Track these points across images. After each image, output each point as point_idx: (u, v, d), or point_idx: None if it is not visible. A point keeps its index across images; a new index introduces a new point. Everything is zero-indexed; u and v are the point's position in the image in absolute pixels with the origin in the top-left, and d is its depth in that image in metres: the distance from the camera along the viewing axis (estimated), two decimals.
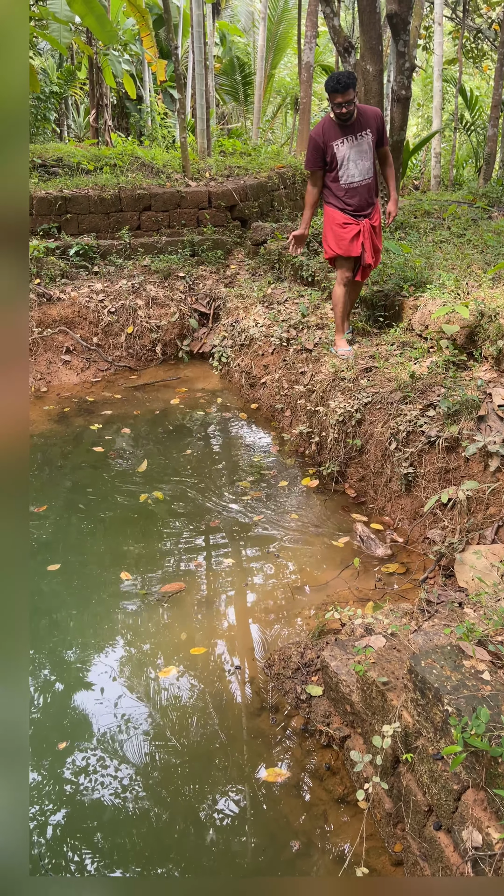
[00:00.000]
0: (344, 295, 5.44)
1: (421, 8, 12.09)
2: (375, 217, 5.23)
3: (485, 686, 2.23)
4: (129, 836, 2.62)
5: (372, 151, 5.06)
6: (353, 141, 4.98)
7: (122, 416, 6.20)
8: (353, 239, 5.17)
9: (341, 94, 4.74)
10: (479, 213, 8.57)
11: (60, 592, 3.93)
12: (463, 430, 4.11)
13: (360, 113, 4.96)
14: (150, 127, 16.04)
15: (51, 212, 7.96)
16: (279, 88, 21.16)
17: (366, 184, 5.11)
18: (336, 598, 3.80)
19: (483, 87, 19.76)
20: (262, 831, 2.63)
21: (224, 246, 8.59)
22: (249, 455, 5.56)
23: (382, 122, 5.08)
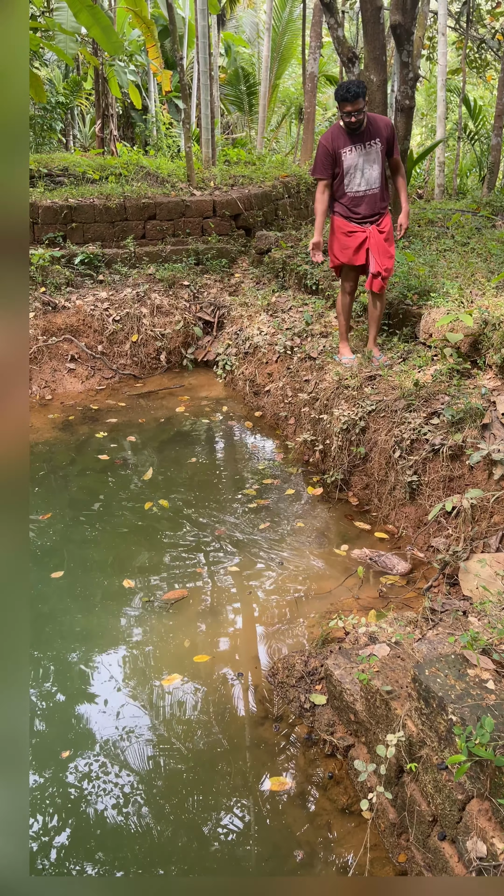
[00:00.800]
0: (346, 304, 5.44)
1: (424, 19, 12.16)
2: (384, 224, 5.17)
3: (489, 695, 2.22)
4: (132, 844, 2.61)
5: (381, 161, 5.04)
6: (361, 149, 4.97)
7: (126, 424, 6.21)
8: (358, 248, 5.14)
9: (351, 103, 4.74)
10: (482, 222, 8.58)
11: (64, 599, 3.93)
12: (467, 439, 4.11)
13: (370, 122, 4.96)
14: (155, 137, 16.14)
15: (56, 221, 8.00)
16: (283, 98, 21.28)
17: (372, 193, 5.08)
18: (340, 607, 3.79)
19: (487, 96, 19.82)
20: (266, 841, 2.62)
21: (228, 255, 8.62)
22: (254, 463, 5.56)
23: (393, 133, 5.06)
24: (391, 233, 5.22)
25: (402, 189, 5.25)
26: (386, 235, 5.16)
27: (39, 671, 3.44)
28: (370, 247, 5.12)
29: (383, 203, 5.16)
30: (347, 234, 5.16)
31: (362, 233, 5.13)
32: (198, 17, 10.19)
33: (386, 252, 5.15)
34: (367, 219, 5.14)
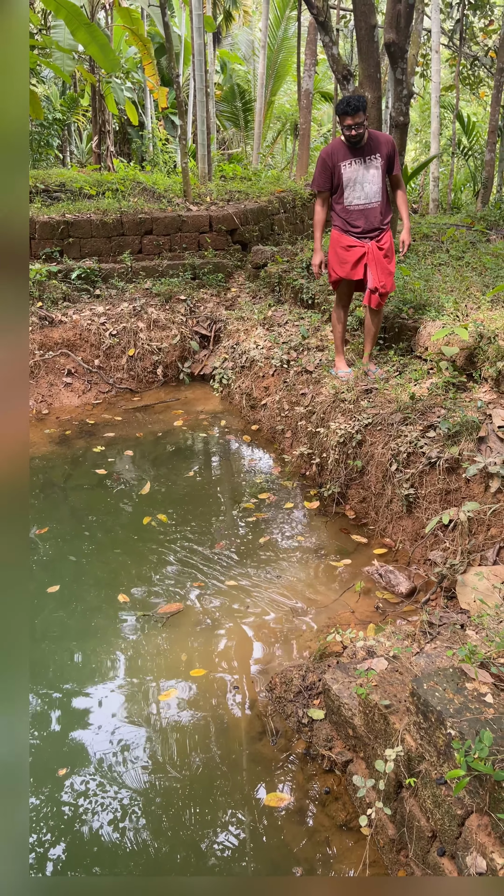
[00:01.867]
0: (342, 318, 5.45)
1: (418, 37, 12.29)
2: (384, 240, 5.13)
3: (488, 709, 2.21)
4: (129, 860, 2.58)
5: (381, 177, 5.04)
6: (360, 163, 4.98)
7: (123, 439, 6.21)
8: (356, 263, 5.12)
9: (351, 117, 4.76)
10: (477, 236, 8.65)
11: (59, 613, 3.91)
12: (463, 452, 4.12)
13: (371, 137, 4.97)
14: (151, 152, 16.25)
15: (53, 236, 8.04)
16: (279, 115, 21.46)
17: (371, 207, 5.06)
18: (338, 621, 3.78)
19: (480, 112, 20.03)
20: (264, 858, 2.60)
21: (225, 269, 8.66)
22: (251, 477, 5.56)
23: (394, 149, 5.06)
24: (391, 249, 5.19)
25: (402, 205, 5.23)
26: (385, 252, 5.13)
27: (35, 686, 3.42)
28: (368, 262, 5.11)
29: (383, 219, 5.13)
30: (346, 249, 5.15)
31: (361, 248, 5.11)
32: (194, 35, 10.30)
33: (385, 269, 5.13)
34: (366, 234, 5.12)
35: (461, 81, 15.66)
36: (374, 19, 8.05)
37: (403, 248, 5.22)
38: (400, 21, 7.79)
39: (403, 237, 5.21)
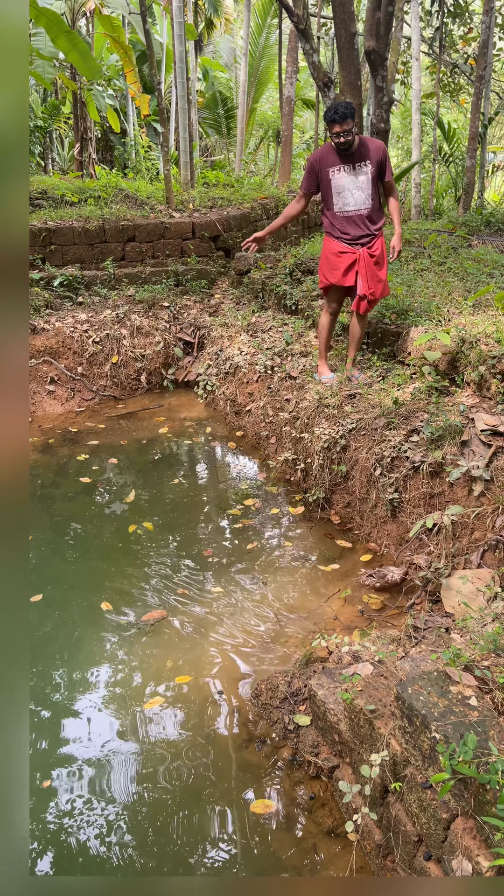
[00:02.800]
0: (328, 324, 5.45)
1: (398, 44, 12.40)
2: (375, 247, 5.11)
3: (472, 712, 2.22)
4: (116, 873, 2.56)
5: (371, 184, 5.01)
6: (349, 170, 4.96)
7: (108, 446, 6.19)
8: (347, 269, 5.11)
9: (339, 124, 4.74)
10: (458, 242, 8.71)
11: (43, 622, 3.88)
12: (447, 455, 4.14)
13: (361, 144, 4.96)
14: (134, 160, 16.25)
15: (35, 243, 8.01)
16: (261, 122, 21.57)
17: (361, 214, 5.05)
18: (323, 626, 3.78)
19: (461, 119, 20.22)
20: (252, 866, 2.59)
21: (208, 276, 8.67)
22: (236, 483, 5.56)
23: (384, 156, 5.02)
24: (383, 256, 5.17)
25: (395, 212, 5.21)
26: (377, 259, 5.12)
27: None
28: (359, 269, 5.09)
29: (374, 225, 5.11)
30: (337, 255, 5.14)
31: (352, 254, 5.09)
32: (175, 42, 10.32)
33: (375, 276, 5.12)
34: (356, 240, 5.11)
35: (441, 89, 15.80)
36: (354, 27, 8.12)
37: (394, 254, 5.20)
38: (380, 29, 7.86)
39: (394, 243, 5.18)
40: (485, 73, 11.96)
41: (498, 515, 3.75)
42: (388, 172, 5.06)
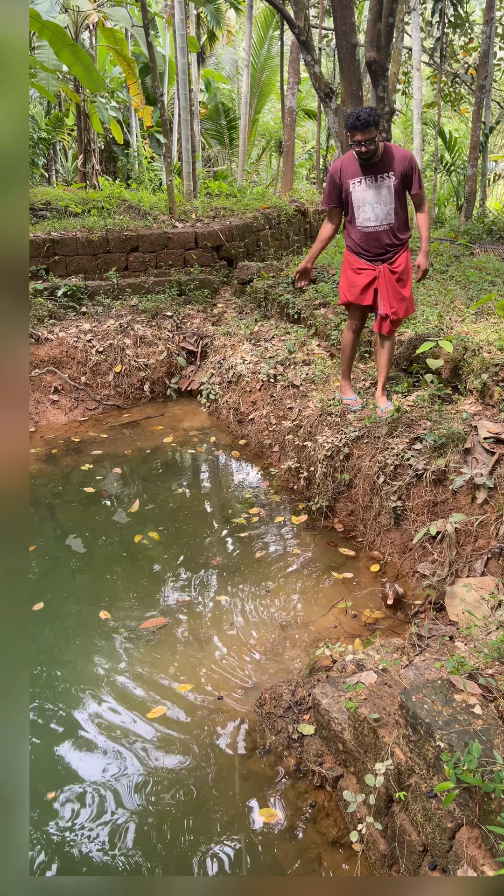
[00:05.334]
0: (350, 341, 5.11)
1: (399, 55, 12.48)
2: (397, 262, 4.72)
3: (476, 720, 2.21)
4: (115, 872, 2.55)
5: (394, 197, 4.59)
6: (371, 182, 4.56)
7: (111, 455, 6.20)
8: (365, 287, 4.77)
9: (361, 132, 4.33)
10: (460, 250, 8.74)
11: (44, 631, 3.88)
12: (450, 463, 4.14)
13: (385, 153, 4.53)
14: (137, 170, 16.34)
15: (39, 254, 8.05)
16: (263, 132, 21.69)
17: (382, 230, 4.65)
18: (327, 635, 3.77)
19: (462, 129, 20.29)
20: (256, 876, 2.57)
21: (211, 285, 8.70)
22: (239, 492, 5.56)
23: (411, 166, 4.56)
24: (406, 272, 4.77)
25: (422, 226, 4.72)
26: (399, 275, 4.73)
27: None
28: (379, 287, 4.74)
29: (398, 240, 4.71)
30: (357, 272, 4.80)
31: (372, 271, 4.73)
32: (178, 54, 10.40)
33: (397, 294, 4.73)
34: (378, 257, 4.72)
35: (443, 98, 15.88)
36: (355, 38, 8.18)
37: (418, 273, 4.78)
38: (380, 40, 7.91)
39: (419, 261, 4.76)
40: (485, 82, 12.02)
41: (501, 523, 3.74)
42: (415, 184, 4.61)
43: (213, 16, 18.29)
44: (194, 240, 8.88)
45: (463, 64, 16.04)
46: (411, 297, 4.84)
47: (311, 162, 23.18)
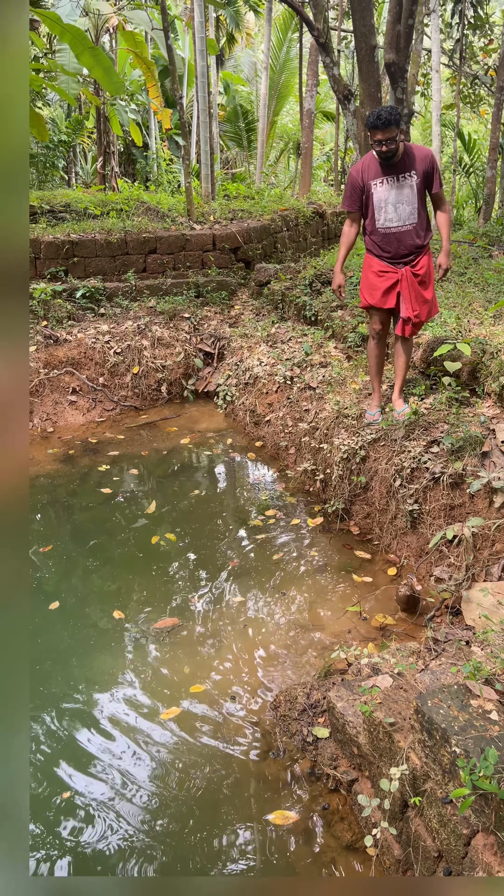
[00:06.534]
0: (375, 349, 4.99)
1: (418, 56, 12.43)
2: (420, 264, 4.65)
3: (493, 726, 2.19)
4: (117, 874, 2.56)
5: (416, 196, 4.52)
6: (393, 182, 4.49)
7: (128, 456, 6.22)
8: (388, 290, 4.69)
9: (381, 131, 4.25)
10: (479, 252, 8.68)
11: (60, 630, 3.90)
12: (467, 467, 4.11)
13: (406, 153, 4.46)
14: (155, 173, 16.42)
15: (58, 256, 8.11)
16: (281, 134, 21.70)
17: (405, 230, 4.58)
18: (342, 638, 3.76)
19: (481, 130, 20.19)
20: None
21: (228, 287, 8.71)
22: (255, 494, 5.56)
23: (432, 165, 4.49)
24: (429, 274, 4.71)
25: (443, 226, 4.66)
26: (422, 277, 4.66)
27: (36, 705, 3.40)
28: (402, 290, 4.65)
29: (420, 241, 4.63)
30: (378, 274, 4.72)
31: (394, 274, 4.65)
32: (197, 57, 10.44)
33: (420, 296, 4.66)
34: (400, 259, 4.65)
35: (462, 100, 15.80)
36: (374, 40, 8.16)
37: (440, 272, 4.70)
38: (400, 41, 7.89)
39: (441, 261, 4.68)
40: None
41: None
42: (436, 183, 4.54)
43: (233, 18, 18.35)
44: (212, 242, 8.90)
45: (483, 65, 15.95)
46: (434, 298, 4.77)
47: (329, 164, 23.17)
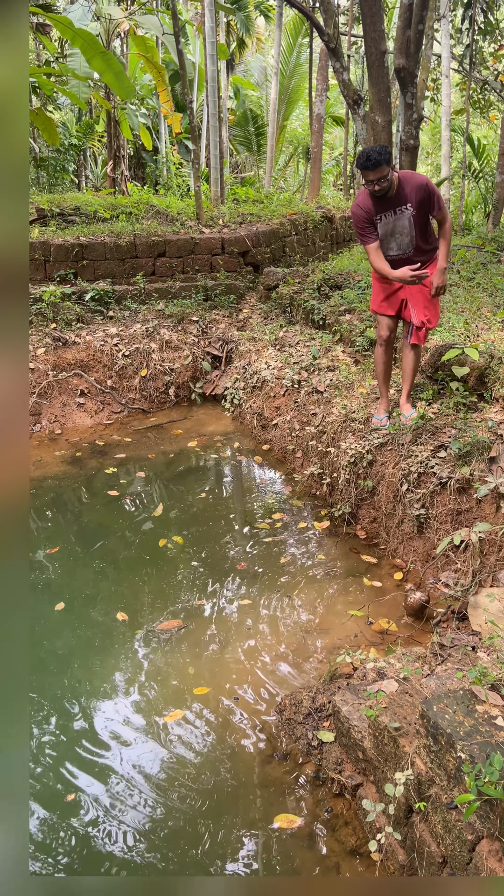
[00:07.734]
0: (381, 355, 5.00)
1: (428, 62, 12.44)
2: (428, 271, 4.60)
3: (498, 732, 2.19)
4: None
5: (414, 226, 4.49)
6: (390, 217, 4.49)
7: (136, 459, 6.24)
8: (389, 296, 4.79)
9: (372, 171, 4.27)
10: (488, 258, 8.67)
11: (65, 631, 3.91)
12: (474, 472, 4.10)
13: (400, 185, 4.43)
14: (165, 176, 16.47)
15: (68, 258, 8.15)
16: (291, 139, 21.74)
17: (407, 257, 4.59)
18: (348, 642, 3.76)
19: (490, 135, 20.16)
20: None
21: (237, 290, 8.73)
22: (263, 497, 5.56)
23: (428, 193, 4.42)
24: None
25: (441, 247, 4.60)
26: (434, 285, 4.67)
27: (40, 706, 3.41)
28: (409, 297, 4.71)
29: (425, 257, 4.64)
30: (381, 280, 4.79)
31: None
32: (207, 62, 10.47)
33: (427, 301, 4.70)
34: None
35: (471, 105, 15.80)
36: (384, 45, 8.17)
37: (432, 289, 4.66)
38: (410, 47, 7.90)
39: (433, 279, 4.63)
40: None
41: None
42: (434, 206, 4.48)
43: (243, 23, 18.41)
44: (221, 245, 8.93)
45: (493, 71, 15.95)
46: (437, 303, 4.79)
47: (338, 168, 23.20)
